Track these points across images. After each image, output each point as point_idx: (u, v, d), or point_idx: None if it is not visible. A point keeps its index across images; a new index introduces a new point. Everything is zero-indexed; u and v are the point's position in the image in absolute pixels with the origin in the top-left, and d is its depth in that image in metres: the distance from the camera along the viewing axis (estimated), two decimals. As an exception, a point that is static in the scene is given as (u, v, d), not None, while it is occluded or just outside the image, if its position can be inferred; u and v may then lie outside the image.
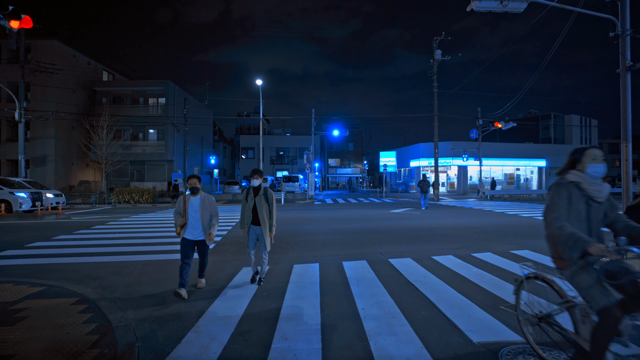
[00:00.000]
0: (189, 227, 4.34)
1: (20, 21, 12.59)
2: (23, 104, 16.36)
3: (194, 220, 4.35)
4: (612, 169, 58.24)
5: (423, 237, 8.45)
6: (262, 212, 4.56)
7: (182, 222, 4.31)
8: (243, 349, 2.90)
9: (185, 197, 4.39)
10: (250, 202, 4.59)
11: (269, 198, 4.62)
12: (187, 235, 4.34)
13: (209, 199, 4.47)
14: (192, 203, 4.37)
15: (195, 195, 4.42)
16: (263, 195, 4.60)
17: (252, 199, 4.59)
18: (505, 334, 3.12)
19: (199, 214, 4.34)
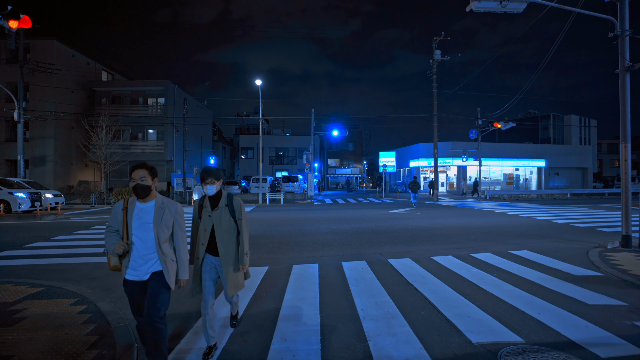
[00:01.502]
0: (135, 258, 2.46)
1: (19, 21, 12.57)
2: (22, 104, 16.33)
3: (143, 245, 2.46)
4: (611, 169, 58.33)
5: (422, 237, 8.45)
6: (225, 233, 2.91)
7: (120, 248, 2.36)
8: (242, 350, 2.90)
9: (127, 204, 2.50)
10: (207, 221, 2.92)
11: (235, 211, 2.98)
12: (131, 274, 2.46)
13: (172, 207, 2.58)
14: (140, 214, 2.48)
15: (145, 201, 2.50)
16: (226, 207, 2.96)
17: (209, 214, 2.93)
18: (504, 335, 3.13)
19: (153, 234, 2.46)
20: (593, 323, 3.35)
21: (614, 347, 2.89)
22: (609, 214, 13.38)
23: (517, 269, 5.43)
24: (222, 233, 2.90)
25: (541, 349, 2.84)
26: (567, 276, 5.01)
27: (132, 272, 2.47)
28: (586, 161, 35.85)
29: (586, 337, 3.07)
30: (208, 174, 2.89)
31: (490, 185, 32.06)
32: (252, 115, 45.76)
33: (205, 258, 2.94)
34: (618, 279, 4.86)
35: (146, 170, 2.48)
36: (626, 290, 4.39)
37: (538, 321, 3.40)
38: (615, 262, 5.78)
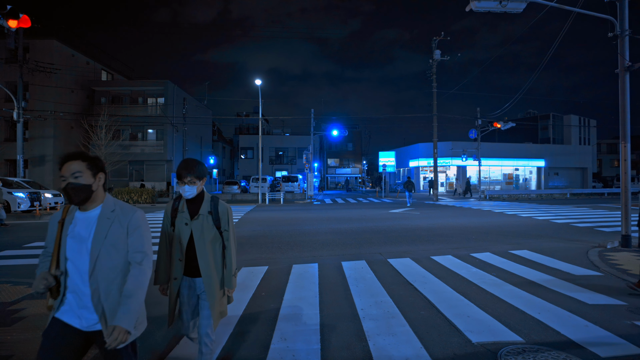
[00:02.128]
0: (70, 297, 1.65)
1: (18, 20, 12.55)
2: (21, 104, 16.32)
3: (80, 277, 1.63)
4: (611, 169, 58.38)
5: (422, 237, 8.45)
6: (208, 248, 2.26)
7: (40, 284, 1.59)
8: (242, 350, 2.90)
9: (65, 214, 1.71)
10: (183, 231, 2.27)
11: (221, 220, 2.33)
12: (67, 314, 1.66)
13: (126, 216, 1.71)
14: (76, 229, 1.66)
15: (86, 209, 1.70)
16: (209, 214, 2.30)
17: (186, 222, 2.27)
18: (504, 334, 3.12)
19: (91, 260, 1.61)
20: (593, 323, 3.35)
21: (614, 347, 2.89)
22: (608, 214, 13.39)
23: (517, 268, 5.43)
24: (205, 248, 2.22)
25: (541, 349, 2.84)
26: (567, 276, 5.01)
27: (68, 313, 1.63)
28: (586, 161, 35.88)
29: (586, 336, 3.07)
30: (188, 170, 2.20)
31: (490, 185, 32.07)
32: (252, 115, 45.77)
33: (181, 282, 2.29)
34: (618, 279, 4.86)
35: (83, 163, 1.65)
36: (626, 290, 4.39)
37: (538, 321, 3.40)
38: (615, 261, 5.78)
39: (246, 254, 6.68)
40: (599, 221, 11.24)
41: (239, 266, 5.69)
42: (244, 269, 5.49)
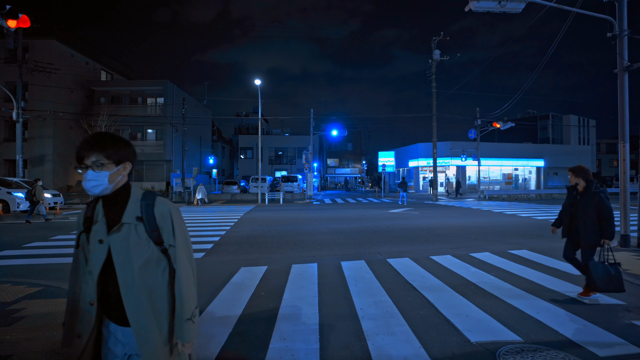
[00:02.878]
0: None
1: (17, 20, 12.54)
2: (21, 104, 16.30)
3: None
4: (610, 169, 58.45)
5: (421, 237, 8.46)
6: (139, 278, 1.34)
7: None
8: (241, 349, 2.90)
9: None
10: (97, 252, 1.35)
11: (162, 229, 1.40)
12: None
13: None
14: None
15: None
16: (138, 222, 1.38)
17: (100, 238, 1.36)
18: (503, 334, 3.13)
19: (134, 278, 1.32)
20: (591, 322, 3.35)
21: (613, 346, 2.90)
22: (607, 214, 13.39)
23: (516, 268, 5.44)
24: (133, 278, 1.33)
25: (540, 348, 2.85)
26: (566, 275, 5.02)
27: None
28: (585, 161, 35.89)
29: (585, 336, 3.07)
30: (91, 147, 1.37)
31: (489, 185, 32.08)
32: (252, 115, 45.75)
33: (104, 328, 1.42)
34: (616, 279, 4.87)
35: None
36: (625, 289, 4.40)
37: (537, 320, 3.41)
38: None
39: (246, 253, 6.68)
40: (598, 221, 11.24)
41: (239, 266, 5.68)
42: (244, 269, 5.49)
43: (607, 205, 3.78)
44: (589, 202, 3.82)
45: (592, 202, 3.80)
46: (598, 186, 3.85)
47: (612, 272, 3.62)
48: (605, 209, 3.76)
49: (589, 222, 3.81)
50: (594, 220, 3.79)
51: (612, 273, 3.61)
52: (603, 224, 3.77)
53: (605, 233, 3.76)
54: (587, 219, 3.82)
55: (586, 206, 3.84)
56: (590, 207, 3.80)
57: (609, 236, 3.75)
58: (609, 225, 3.74)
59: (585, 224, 3.84)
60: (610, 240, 3.76)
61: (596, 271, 3.64)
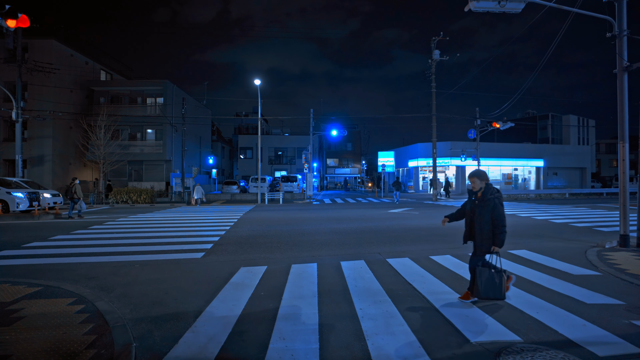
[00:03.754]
0: None
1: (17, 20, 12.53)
2: (20, 104, 16.28)
3: None
4: (609, 169, 58.48)
5: (421, 237, 8.46)
6: None
7: None
8: (240, 349, 2.90)
9: None
10: None
11: None
12: None
13: None
14: None
15: None
16: None
17: None
18: (502, 334, 3.13)
19: None
20: (591, 322, 3.35)
21: (612, 346, 2.90)
22: (607, 214, 13.42)
23: (516, 268, 5.44)
24: None
25: (539, 348, 2.85)
26: (566, 275, 5.02)
27: None
28: (584, 161, 35.93)
29: (584, 336, 3.07)
30: None
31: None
32: (251, 115, 45.75)
33: None
34: (616, 278, 4.87)
35: None
36: (624, 289, 4.40)
37: (536, 320, 3.41)
38: (614, 261, 5.80)
39: (245, 253, 6.68)
40: (597, 221, 11.26)
41: (238, 266, 5.69)
42: (243, 269, 5.49)
43: (501, 212, 3.67)
44: (485, 208, 3.71)
45: (488, 207, 3.69)
46: (494, 191, 3.74)
47: (495, 280, 3.59)
48: (498, 214, 3.65)
49: (485, 228, 3.70)
50: (489, 227, 3.69)
51: (496, 281, 3.58)
52: (495, 231, 3.66)
53: (496, 240, 3.66)
54: (484, 226, 3.71)
55: (482, 212, 3.73)
56: (486, 213, 3.70)
57: (500, 243, 3.65)
58: (500, 233, 3.63)
59: (481, 231, 3.73)
60: (500, 247, 3.68)
61: (481, 277, 3.60)
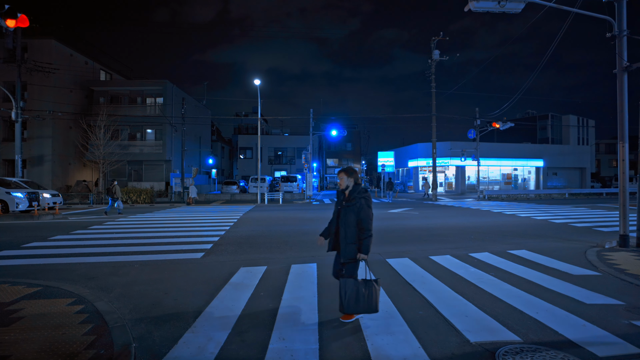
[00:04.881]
0: None
1: (16, 20, 12.51)
2: (20, 104, 16.27)
3: None
4: (609, 169, 58.51)
5: (421, 237, 8.45)
6: None
7: None
8: (240, 349, 2.90)
9: None
10: None
11: None
12: None
13: None
14: None
15: None
16: None
17: None
18: (502, 334, 3.13)
19: None
20: (591, 322, 3.35)
21: (612, 346, 2.90)
22: (606, 214, 13.42)
23: (516, 268, 5.44)
24: None
25: (539, 348, 2.85)
26: (565, 276, 5.02)
27: None
28: (584, 161, 35.96)
29: (584, 336, 3.07)
30: None
31: (489, 185, 32.12)
32: (251, 115, 45.75)
33: None
34: (616, 279, 4.87)
35: None
36: (624, 289, 4.41)
37: (536, 320, 3.41)
38: (613, 261, 5.80)
39: (245, 253, 6.68)
40: (597, 221, 11.27)
41: (238, 266, 5.68)
42: (243, 269, 5.48)
43: (368, 214, 3.24)
44: (351, 209, 3.28)
45: (354, 208, 3.27)
46: (362, 191, 3.32)
47: (363, 291, 3.12)
48: (364, 216, 3.23)
49: (350, 232, 3.24)
50: (354, 231, 3.24)
51: (364, 292, 3.12)
52: (360, 235, 3.23)
53: (361, 245, 3.23)
54: (348, 229, 3.25)
55: (348, 214, 3.28)
56: (352, 214, 3.26)
57: (365, 250, 3.21)
58: (365, 238, 3.21)
59: (345, 235, 3.26)
60: (366, 254, 3.23)
61: (345, 289, 3.12)
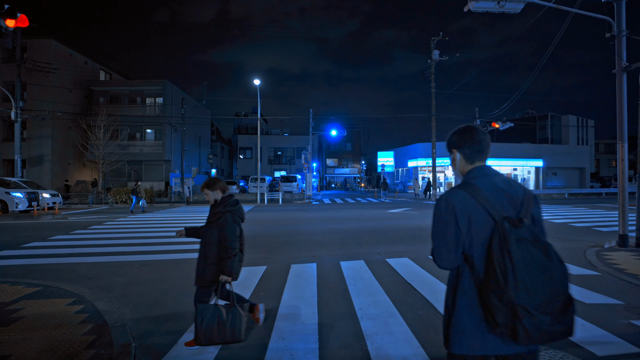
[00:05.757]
0: None
1: (16, 20, 12.49)
2: (19, 104, 16.26)
3: None
4: (608, 169, 58.56)
5: (420, 236, 8.46)
6: None
7: None
8: (240, 349, 2.90)
9: None
10: None
11: None
12: None
13: None
14: None
15: None
16: None
17: None
18: (501, 333, 3.13)
19: None
20: (590, 322, 3.36)
21: (611, 346, 2.91)
22: (606, 214, 13.44)
23: None
24: None
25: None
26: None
27: None
28: (584, 161, 35.98)
29: (583, 335, 3.08)
30: None
31: (488, 185, 32.12)
32: (251, 115, 45.73)
33: None
34: (615, 278, 4.88)
35: None
36: (623, 289, 4.41)
37: (535, 320, 3.41)
38: (613, 261, 5.80)
39: (245, 253, 6.67)
40: (596, 221, 11.28)
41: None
42: (243, 269, 5.47)
43: (232, 230, 2.85)
44: (215, 224, 2.93)
45: (218, 223, 2.90)
46: (230, 204, 2.93)
47: (224, 318, 2.63)
48: (228, 232, 2.84)
49: (211, 250, 2.90)
50: (216, 249, 2.89)
51: (225, 320, 2.63)
52: (222, 254, 2.83)
53: (223, 266, 2.81)
54: (209, 247, 2.91)
55: (211, 229, 2.94)
56: (215, 230, 2.91)
57: (228, 271, 2.79)
58: (228, 257, 2.80)
59: (205, 254, 2.92)
60: (231, 277, 2.81)
61: (202, 316, 2.62)
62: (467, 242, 1.38)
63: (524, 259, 1.26)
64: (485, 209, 1.36)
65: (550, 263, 1.32)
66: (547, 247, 1.34)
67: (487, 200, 1.37)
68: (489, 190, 1.41)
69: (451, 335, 1.40)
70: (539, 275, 1.27)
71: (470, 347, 1.37)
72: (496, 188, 1.43)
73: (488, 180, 1.45)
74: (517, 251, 1.26)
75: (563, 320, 1.27)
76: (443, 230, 1.39)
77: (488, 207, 1.36)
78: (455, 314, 1.39)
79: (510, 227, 1.30)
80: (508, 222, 1.31)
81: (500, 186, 1.44)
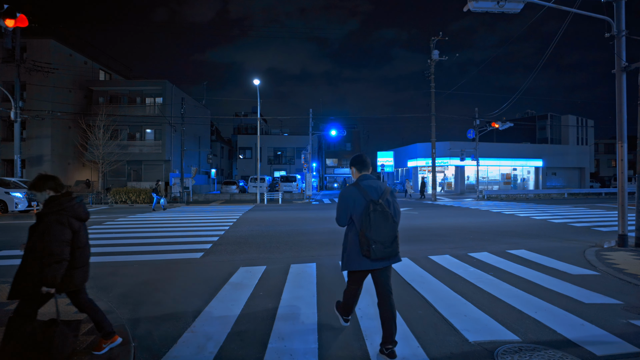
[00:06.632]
0: None
1: (15, 20, 12.49)
2: (19, 104, 16.26)
3: None
4: (608, 169, 58.61)
5: (420, 236, 8.46)
6: None
7: None
8: (239, 349, 2.90)
9: None
10: None
11: None
12: None
13: None
14: None
15: None
16: None
17: None
18: (501, 333, 3.13)
19: None
20: (589, 321, 3.36)
21: (610, 345, 2.91)
22: (605, 214, 13.44)
23: (515, 268, 5.45)
24: None
25: (537, 348, 2.85)
26: (564, 275, 5.03)
27: None
28: (583, 161, 36.01)
29: (582, 335, 3.08)
30: None
31: (488, 185, 32.16)
32: (250, 115, 45.74)
33: None
34: (614, 278, 4.88)
35: None
36: (622, 288, 4.42)
37: (535, 320, 3.42)
38: (612, 261, 5.81)
39: (244, 253, 6.68)
40: (596, 221, 11.28)
41: (238, 266, 5.69)
42: (242, 269, 5.48)
43: (54, 235, 2.42)
44: (37, 230, 2.50)
45: (39, 229, 2.48)
46: (55, 205, 2.57)
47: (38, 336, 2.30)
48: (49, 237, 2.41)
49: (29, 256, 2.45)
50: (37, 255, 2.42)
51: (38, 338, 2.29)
52: (45, 260, 2.37)
53: (43, 275, 2.36)
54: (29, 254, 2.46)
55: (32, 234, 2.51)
56: (36, 235, 2.47)
57: (49, 281, 2.35)
58: (49, 264, 2.36)
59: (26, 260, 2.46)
60: (53, 287, 2.38)
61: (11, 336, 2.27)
62: (353, 211, 2.69)
63: (376, 219, 2.58)
64: (363, 196, 2.67)
65: (387, 222, 2.60)
66: (388, 214, 2.62)
67: (365, 191, 2.68)
68: (366, 187, 2.71)
69: (346, 261, 2.78)
70: (382, 227, 2.59)
71: (355, 266, 2.72)
72: (370, 186, 2.73)
73: (366, 182, 2.76)
74: (373, 215, 2.58)
75: (391, 247, 2.63)
76: (343, 206, 2.75)
77: (364, 195, 2.67)
78: (347, 249, 2.76)
79: (372, 204, 2.60)
80: (372, 202, 2.61)
81: (372, 185, 2.74)
